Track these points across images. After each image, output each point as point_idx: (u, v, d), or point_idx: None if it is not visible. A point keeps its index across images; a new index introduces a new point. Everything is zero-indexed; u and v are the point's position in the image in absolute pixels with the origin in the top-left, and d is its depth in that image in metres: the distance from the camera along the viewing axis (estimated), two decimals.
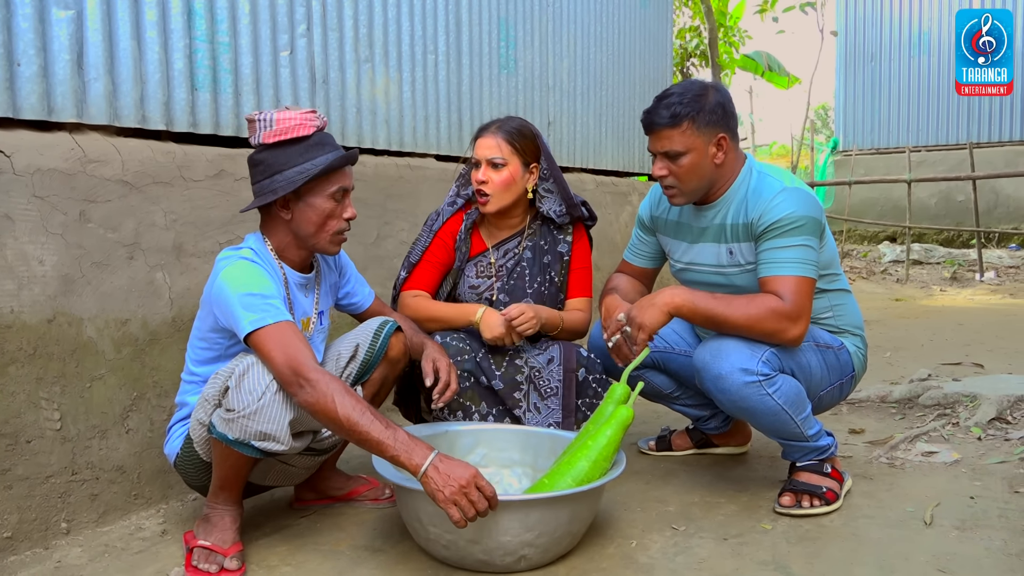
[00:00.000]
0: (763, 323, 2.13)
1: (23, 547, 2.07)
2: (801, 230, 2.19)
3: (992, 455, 2.75)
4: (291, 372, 1.81)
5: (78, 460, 2.23)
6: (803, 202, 2.21)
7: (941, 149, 12.35)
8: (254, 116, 2.02)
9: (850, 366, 2.39)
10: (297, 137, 2.01)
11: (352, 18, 3.47)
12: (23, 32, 2.33)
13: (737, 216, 2.29)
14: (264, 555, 2.06)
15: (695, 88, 2.25)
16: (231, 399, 1.85)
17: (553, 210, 2.65)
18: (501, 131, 2.54)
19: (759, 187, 2.27)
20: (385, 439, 1.77)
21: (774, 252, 2.19)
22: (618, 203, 5.55)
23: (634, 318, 2.18)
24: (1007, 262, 9.92)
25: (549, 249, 2.69)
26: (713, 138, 2.23)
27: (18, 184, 2.22)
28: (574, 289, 2.73)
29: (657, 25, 6.30)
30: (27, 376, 2.15)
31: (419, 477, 1.74)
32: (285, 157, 2.00)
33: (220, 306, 1.94)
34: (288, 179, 1.99)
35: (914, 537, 2.11)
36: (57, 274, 2.26)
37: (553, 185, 2.64)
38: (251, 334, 1.87)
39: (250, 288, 1.91)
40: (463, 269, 2.65)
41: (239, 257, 1.99)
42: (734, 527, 2.21)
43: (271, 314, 1.89)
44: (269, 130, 2.00)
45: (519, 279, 2.65)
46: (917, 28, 12.72)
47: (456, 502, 1.71)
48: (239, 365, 1.88)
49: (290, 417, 1.86)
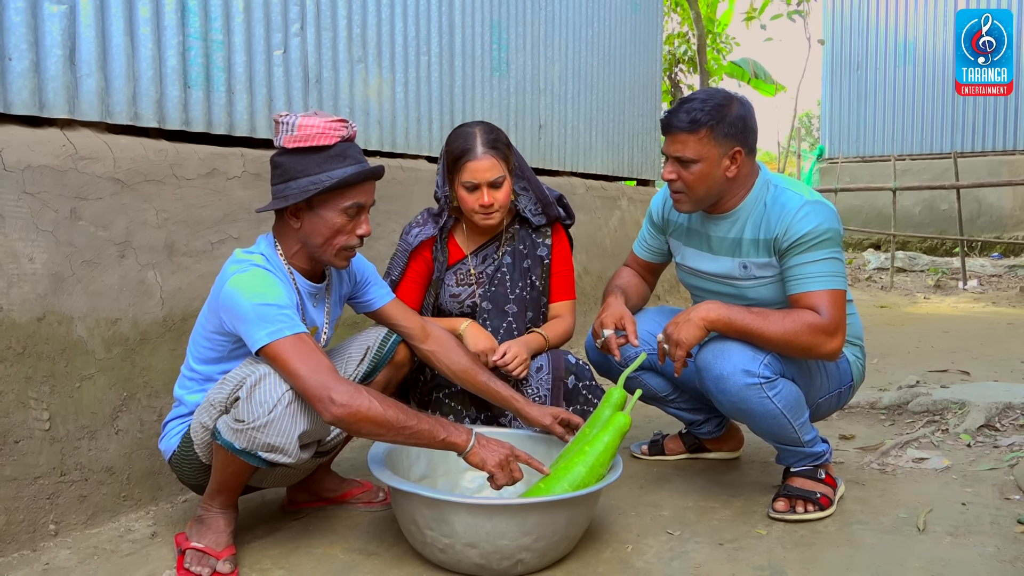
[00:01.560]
0: (800, 338, 2.11)
1: (10, 549, 2.03)
2: (828, 243, 2.18)
3: (982, 462, 2.76)
4: (320, 387, 1.78)
5: (67, 461, 2.19)
6: (827, 215, 2.20)
7: (926, 158, 12.46)
8: (280, 117, 1.96)
9: (849, 375, 2.40)
10: (318, 146, 1.94)
11: (346, 18, 3.45)
12: (15, 26, 2.30)
13: (756, 231, 2.27)
14: (257, 558, 2.04)
15: (719, 97, 2.22)
16: (241, 410, 1.81)
17: (528, 208, 2.63)
18: (489, 148, 2.46)
19: (780, 201, 2.24)
20: (433, 427, 1.89)
21: (804, 267, 2.18)
22: (607, 207, 5.55)
23: (671, 335, 2.17)
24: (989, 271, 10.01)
25: (529, 253, 2.66)
26: (728, 151, 2.21)
27: (8, 180, 2.18)
28: (556, 293, 2.71)
29: (647, 31, 6.32)
30: (16, 375, 2.12)
31: (467, 452, 1.91)
32: (303, 165, 1.94)
33: (230, 313, 1.89)
34: (300, 188, 1.93)
35: (908, 543, 2.12)
36: (47, 272, 2.23)
37: (526, 183, 2.62)
38: (268, 346, 1.82)
39: (264, 298, 1.86)
40: (443, 279, 2.63)
41: (252, 264, 1.94)
42: (729, 532, 2.20)
43: (288, 325, 1.84)
44: (290, 135, 1.94)
45: (500, 285, 2.63)
46: (903, 37, 12.83)
47: (502, 467, 1.92)
48: (251, 375, 1.84)
49: (300, 431, 1.83)
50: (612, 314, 2.35)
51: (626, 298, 2.50)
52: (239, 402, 1.83)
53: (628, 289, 2.58)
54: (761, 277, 2.30)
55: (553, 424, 2.20)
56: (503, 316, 2.62)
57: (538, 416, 2.21)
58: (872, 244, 12.78)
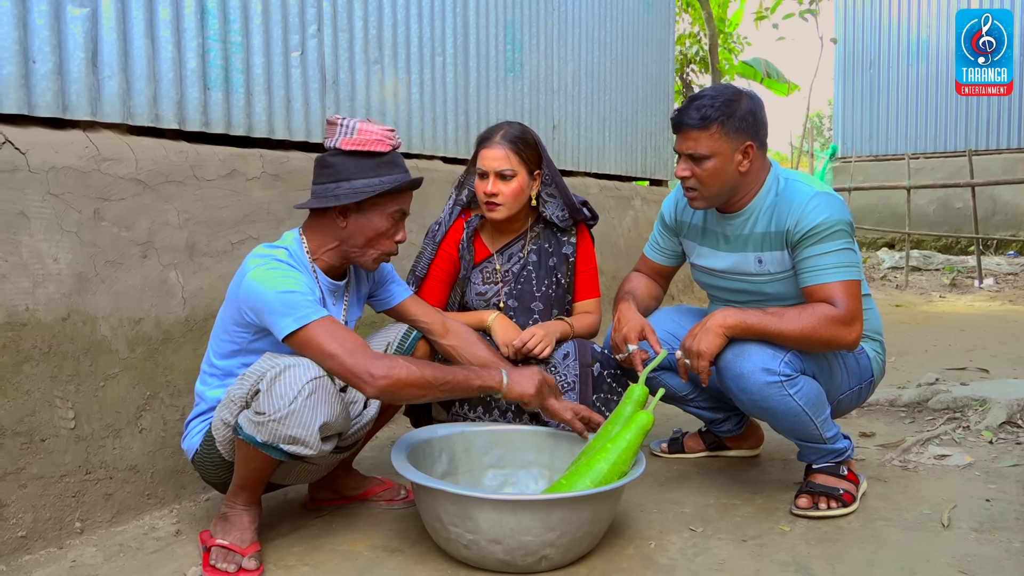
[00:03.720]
0: (819, 331, 2.11)
1: (37, 546, 2.05)
2: (840, 234, 2.18)
3: (1005, 458, 2.74)
4: (357, 364, 1.85)
5: (92, 459, 2.21)
6: (837, 206, 2.21)
7: (940, 156, 12.41)
8: (337, 120, 2.02)
9: (869, 371, 2.39)
10: (374, 151, 2.01)
11: (362, 19, 3.47)
12: (38, 29, 2.32)
13: (768, 224, 2.28)
14: (281, 555, 2.05)
15: (728, 93, 2.23)
16: (262, 402, 1.83)
17: (556, 215, 2.65)
18: (507, 141, 2.50)
19: (789, 193, 2.25)
20: (468, 376, 2.03)
21: (817, 259, 2.18)
22: (621, 207, 5.55)
23: (691, 348, 2.17)
24: (1005, 269, 9.95)
25: (554, 251, 2.68)
26: (740, 145, 2.21)
27: (33, 181, 2.20)
28: (582, 291, 2.72)
29: (659, 30, 6.32)
30: (42, 374, 2.13)
31: (504, 389, 2.06)
32: (357, 167, 2.00)
33: (253, 304, 1.92)
34: (354, 189, 1.99)
35: (933, 539, 2.11)
36: (72, 272, 2.25)
37: (555, 190, 2.64)
38: (297, 332, 1.86)
39: (288, 286, 1.89)
40: (469, 277, 2.64)
41: (272, 258, 1.97)
42: (752, 529, 2.20)
43: (314, 310, 1.89)
44: (349, 137, 2.00)
45: (526, 283, 2.64)
46: (916, 35, 12.78)
47: (540, 391, 2.10)
48: (272, 369, 1.85)
49: (321, 422, 1.85)
50: (633, 327, 2.35)
51: (637, 303, 2.49)
52: (259, 395, 1.84)
53: (638, 293, 2.56)
54: (776, 273, 2.29)
55: (573, 419, 2.20)
56: (529, 314, 2.63)
57: (559, 410, 2.20)
58: (886, 243, 12.73)
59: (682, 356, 2.21)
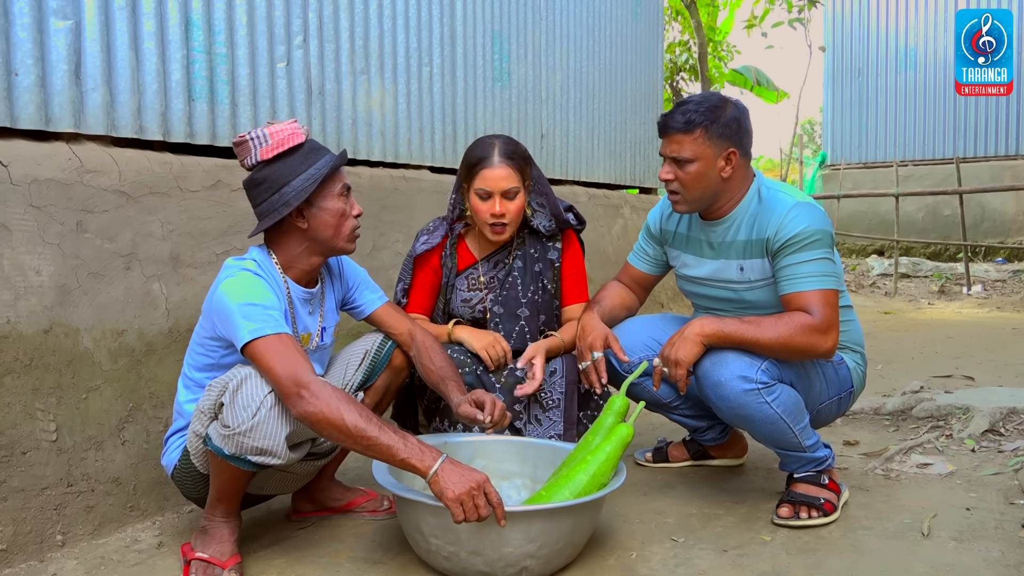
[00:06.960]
0: (795, 339, 2.14)
1: (18, 560, 2.04)
2: (818, 244, 2.21)
3: (986, 467, 2.76)
4: (292, 383, 1.80)
5: (74, 472, 2.21)
6: (817, 216, 2.24)
7: (928, 164, 12.48)
8: (244, 137, 2.01)
9: (849, 381, 2.41)
10: (294, 147, 2.02)
11: (348, 30, 3.48)
12: (21, 42, 2.33)
13: (750, 232, 2.30)
14: (262, 567, 2.05)
15: (714, 99, 2.27)
16: (226, 415, 1.83)
17: (543, 225, 2.66)
18: (507, 158, 2.48)
19: (771, 202, 2.28)
20: (394, 443, 1.79)
21: (795, 268, 2.21)
22: (610, 215, 5.57)
23: (668, 357, 2.19)
24: (993, 276, 10.00)
25: (539, 257, 2.68)
26: (723, 151, 2.24)
27: (15, 194, 2.20)
28: (569, 295, 2.73)
29: (648, 40, 6.34)
30: (23, 387, 2.13)
31: (429, 477, 1.77)
32: (288, 169, 2.00)
33: (219, 315, 1.94)
34: (299, 188, 1.99)
35: (913, 548, 2.12)
36: (54, 284, 2.25)
37: (544, 199, 2.65)
38: (249, 344, 1.85)
39: (250, 298, 1.90)
40: (453, 284, 2.65)
41: (241, 268, 1.99)
42: (733, 539, 2.21)
43: (270, 325, 1.88)
44: (266, 145, 2.00)
45: (511, 289, 2.65)
46: (904, 43, 12.85)
47: (462, 502, 1.74)
48: (232, 379, 1.86)
49: (287, 432, 1.85)
50: (597, 336, 2.36)
51: (602, 312, 2.50)
52: (224, 408, 1.84)
53: (605, 302, 2.56)
54: (757, 280, 2.32)
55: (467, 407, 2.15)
56: (515, 320, 2.64)
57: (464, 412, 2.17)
58: (875, 250, 12.78)
59: (660, 364, 2.23)
